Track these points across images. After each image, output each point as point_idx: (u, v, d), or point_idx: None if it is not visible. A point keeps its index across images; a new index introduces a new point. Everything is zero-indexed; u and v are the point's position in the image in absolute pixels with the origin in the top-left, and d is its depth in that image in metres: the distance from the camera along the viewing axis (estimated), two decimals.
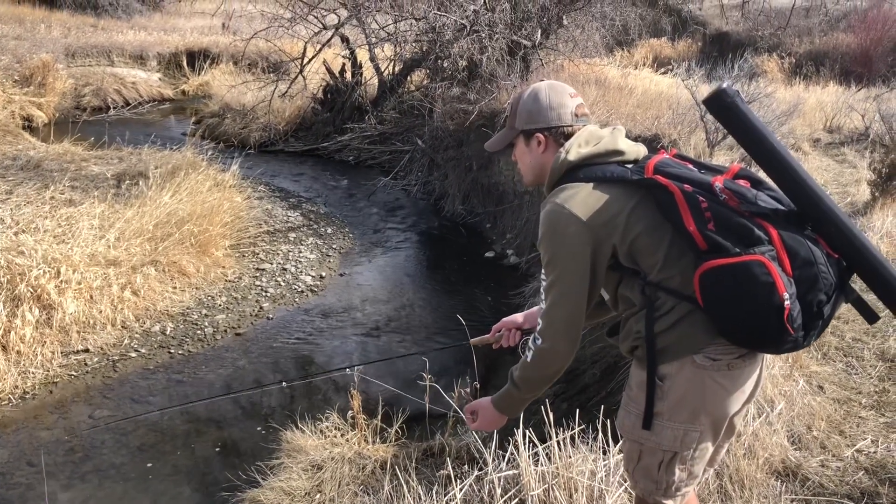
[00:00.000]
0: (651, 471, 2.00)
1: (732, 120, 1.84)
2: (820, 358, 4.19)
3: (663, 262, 1.86)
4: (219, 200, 8.04)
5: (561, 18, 11.00)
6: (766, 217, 1.77)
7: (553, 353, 1.96)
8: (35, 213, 6.92)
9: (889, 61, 17.78)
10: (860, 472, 3.12)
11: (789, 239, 1.74)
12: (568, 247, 1.89)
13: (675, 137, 7.81)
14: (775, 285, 1.70)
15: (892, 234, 6.03)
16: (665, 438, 1.93)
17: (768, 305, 1.71)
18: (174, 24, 21.98)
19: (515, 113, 2.11)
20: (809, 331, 1.77)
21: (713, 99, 1.85)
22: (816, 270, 1.74)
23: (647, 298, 1.89)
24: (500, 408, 2.16)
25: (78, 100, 14.99)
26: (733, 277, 1.74)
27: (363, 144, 12.57)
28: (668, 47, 23.31)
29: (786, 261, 1.74)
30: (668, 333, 1.88)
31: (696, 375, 1.87)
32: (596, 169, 1.93)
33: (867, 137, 9.90)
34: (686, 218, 1.80)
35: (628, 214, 1.87)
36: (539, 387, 2.06)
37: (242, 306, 6.88)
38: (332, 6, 12.50)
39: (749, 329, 1.78)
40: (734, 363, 1.87)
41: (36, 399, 5.29)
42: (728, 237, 1.76)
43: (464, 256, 8.75)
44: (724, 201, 1.79)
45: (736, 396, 1.92)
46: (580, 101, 2.08)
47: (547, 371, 2.00)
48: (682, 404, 1.90)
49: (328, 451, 4.18)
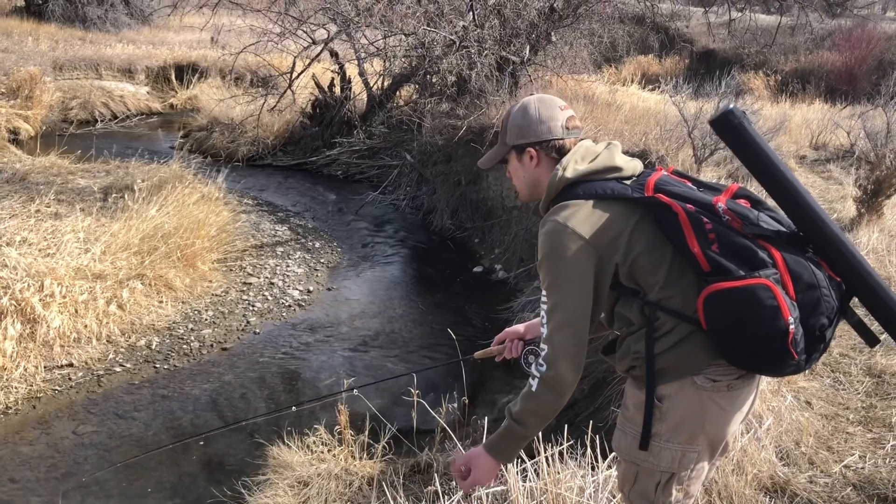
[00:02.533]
0: (648, 492, 1.98)
1: (739, 140, 1.83)
2: (808, 373, 4.19)
3: (664, 282, 1.84)
4: (206, 214, 8.00)
5: (549, 35, 11.05)
6: (769, 239, 1.76)
7: (560, 380, 1.83)
8: (20, 226, 6.86)
9: (873, 79, 17.95)
10: (848, 488, 3.12)
11: (793, 262, 1.74)
12: (571, 267, 1.83)
13: (663, 153, 7.84)
14: (780, 309, 1.69)
15: (877, 250, 6.08)
16: (663, 460, 1.92)
17: (773, 330, 1.70)
18: (163, 37, 21.94)
19: (506, 128, 2.09)
20: (811, 354, 1.77)
21: (720, 119, 1.84)
22: (819, 294, 1.73)
23: (646, 318, 1.87)
24: (498, 451, 1.97)
25: (65, 113, 14.89)
26: (738, 301, 1.72)
27: (352, 159, 12.55)
28: (655, 64, 23.49)
29: (789, 284, 1.72)
30: (668, 354, 1.85)
31: (696, 397, 1.86)
32: (595, 185, 1.89)
33: (853, 154, 9.98)
34: (690, 239, 1.78)
35: (630, 233, 1.84)
36: (542, 421, 1.91)
37: (229, 321, 6.83)
38: (322, 21, 12.51)
39: (753, 352, 1.77)
40: (734, 384, 1.86)
41: (19, 414, 5.22)
42: (732, 259, 1.74)
43: (452, 271, 8.74)
44: (728, 222, 1.77)
45: (735, 417, 1.91)
46: (571, 114, 2.04)
47: (554, 402, 1.86)
48: (682, 426, 1.88)
49: (315, 466, 4.14)
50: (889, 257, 5.91)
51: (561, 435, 3.10)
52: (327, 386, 5.83)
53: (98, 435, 5.06)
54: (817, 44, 22.37)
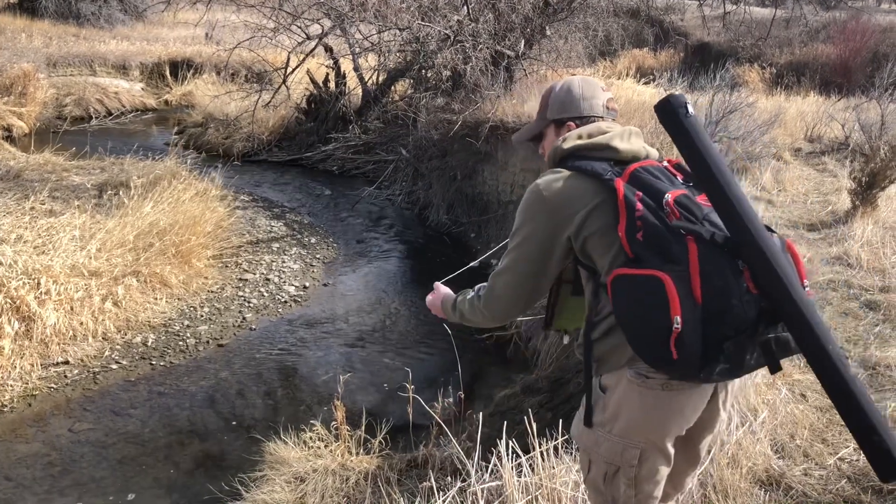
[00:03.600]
0: (597, 483, 1.98)
1: (676, 129, 1.82)
2: (802, 366, 4.20)
3: (609, 266, 1.83)
4: (201, 210, 7.99)
5: (544, 29, 11.04)
6: (697, 237, 1.70)
7: (485, 310, 2.07)
8: (15, 224, 6.84)
9: (868, 72, 17.95)
10: (843, 481, 3.12)
11: (707, 264, 1.67)
12: (531, 225, 1.92)
13: (658, 147, 7.84)
14: (668, 304, 1.65)
15: (871, 242, 6.09)
16: (605, 451, 1.92)
17: (658, 324, 1.66)
18: (157, 33, 21.87)
19: (547, 104, 2.15)
20: (709, 363, 1.67)
21: (659, 105, 1.84)
22: (727, 303, 1.66)
23: (594, 301, 1.90)
24: (444, 310, 2.28)
25: (59, 109, 14.87)
26: (634, 288, 1.73)
27: (347, 154, 12.54)
28: (650, 58, 23.46)
29: (696, 285, 1.67)
30: (602, 342, 1.88)
31: (631, 391, 1.85)
32: (584, 161, 1.93)
33: (847, 147, 9.99)
34: (620, 222, 1.78)
35: (589, 211, 1.85)
36: (469, 323, 2.19)
37: (225, 317, 6.83)
38: (316, 16, 12.48)
39: (641, 343, 1.75)
40: (670, 384, 1.82)
41: (14, 412, 5.22)
42: (650, 249, 1.73)
43: (448, 266, 8.72)
44: (666, 215, 1.74)
45: (673, 419, 1.87)
46: (611, 96, 2.12)
47: (475, 320, 2.14)
48: (618, 418, 1.89)
49: (311, 462, 4.14)
50: (883, 249, 5.92)
51: (555, 430, 3.11)
52: (324, 381, 5.84)
53: (94, 432, 5.06)
54: (812, 36, 22.38)
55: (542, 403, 5.06)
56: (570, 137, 1.99)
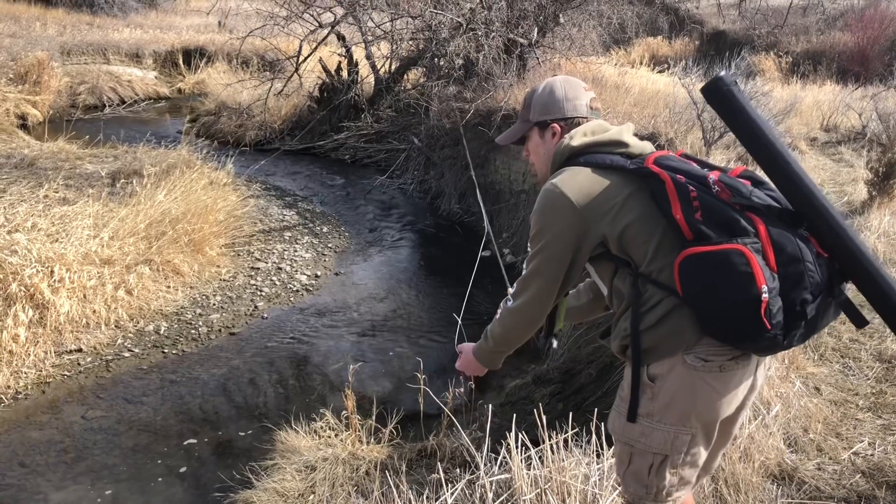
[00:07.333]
0: (641, 474, 1.96)
1: (728, 109, 1.83)
2: (817, 359, 4.17)
3: (653, 254, 1.83)
4: (213, 199, 8.01)
5: (557, 17, 10.96)
6: (756, 211, 1.75)
7: (521, 314, 2.01)
8: (29, 212, 6.87)
9: (886, 60, 17.76)
10: (857, 475, 3.09)
11: (776, 234, 1.72)
12: (555, 225, 1.90)
13: (672, 136, 7.79)
14: (754, 276, 1.67)
15: (889, 233, 6.02)
16: (655, 441, 1.90)
17: (745, 296, 1.68)
18: (170, 21, 21.91)
19: (530, 105, 2.14)
20: (791, 330, 1.73)
21: (710, 87, 1.84)
22: (802, 268, 1.70)
23: (636, 291, 1.88)
24: (477, 357, 2.21)
25: (73, 98, 14.92)
26: (711, 265, 1.72)
27: (359, 143, 12.53)
28: (664, 46, 23.28)
29: (770, 255, 1.71)
30: (655, 330, 1.85)
31: (687, 376, 1.84)
32: (597, 156, 1.94)
33: (864, 136, 9.89)
34: (674, 206, 1.79)
35: (622, 203, 1.86)
36: (507, 344, 2.12)
37: (237, 305, 6.85)
38: (329, 4, 12.44)
39: (725, 321, 1.75)
40: (726, 365, 1.84)
41: (28, 399, 5.26)
42: (713, 227, 1.74)
43: (460, 256, 8.72)
44: (717, 193, 1.77)
45: (728, 400, 1.88)
46: (593, 95, 2.12)
47: (514, 331, 2.07)
48: (673, 406, 1.87)
49: (322, 451, 4.16)
50: None
51: (566, 422, 3.09)
52: (335, 370, 5.84)
53: (107, 420, 5.09)
54: (829, 24, 22.12)
55: (553, 394, 5.05)
56: (577, 135, 1.99)
